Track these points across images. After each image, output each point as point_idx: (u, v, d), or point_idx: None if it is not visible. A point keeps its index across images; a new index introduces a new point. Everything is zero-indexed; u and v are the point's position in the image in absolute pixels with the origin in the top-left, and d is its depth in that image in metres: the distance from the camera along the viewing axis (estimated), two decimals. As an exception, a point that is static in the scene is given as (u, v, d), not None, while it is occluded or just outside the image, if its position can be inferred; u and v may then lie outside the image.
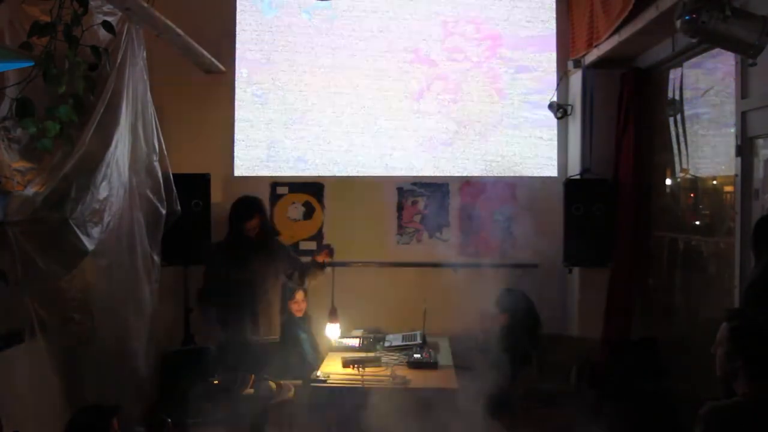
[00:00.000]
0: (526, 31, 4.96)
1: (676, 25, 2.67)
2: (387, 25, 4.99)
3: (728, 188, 3.38)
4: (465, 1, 4.98)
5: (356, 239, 4.86)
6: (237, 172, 5.00)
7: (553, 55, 4.94)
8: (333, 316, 4.04)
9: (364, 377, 3.69)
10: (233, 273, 3.82)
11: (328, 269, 4.10)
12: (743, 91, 3.14)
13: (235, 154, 5.01)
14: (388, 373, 3.77)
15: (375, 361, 3.95)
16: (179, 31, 3.89)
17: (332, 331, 4.06)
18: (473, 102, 4.96)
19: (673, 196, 4.23)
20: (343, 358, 3.97)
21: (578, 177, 4.62)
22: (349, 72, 4.99)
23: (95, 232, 3.23)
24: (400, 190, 4.97)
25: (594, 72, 4.58)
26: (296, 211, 4.99)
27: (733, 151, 3.21)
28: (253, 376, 3.60)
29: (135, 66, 3.59)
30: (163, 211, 3.91)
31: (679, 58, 3.92)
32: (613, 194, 4.44)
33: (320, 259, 4.08)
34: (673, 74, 4.08)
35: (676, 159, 4.07)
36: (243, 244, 3.91)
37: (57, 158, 3.11)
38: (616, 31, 3.80)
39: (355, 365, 3.85)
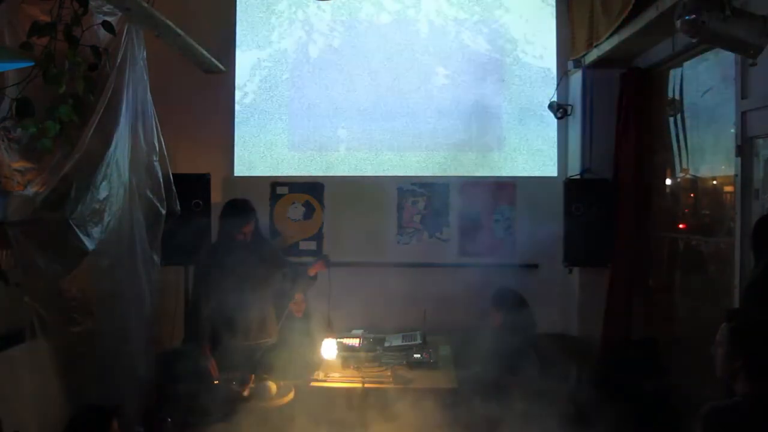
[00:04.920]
0: (527, 31, 4.96)
1: (676, 25, 2.67)
2: (387, 25, 4.99)
3: (728, 188, 3.38)
4: (466, 2, 4.99)
5: (356, 239, 4.86)
6: (237, 172, 5.00)
7: (553, 55, 4.94)
8: (330, 332, 3.94)
9: (364, 377, 3.70)
10: (225, 277, 3.74)
11: (326, 277, 4.07)
12: (743, 91, 3.14)
13: (235, 154, 5.01)
14: (388, 373, 3.77)
15: (375, 361, 3.95)
16: (179, 31, 3.89)
17: (328, 351, 3.93)
18: (473, 102, 4.95)
19: (673, 196, 4.24)
20: (343, 358, 3.97)
21: (578, 177, 4.62)
22: (349, 72, 4.99)
23: (95, 232, 3.23)
24: (400, 190, 4.97)
25: (594, 72, 4.58)
26: (296, 211, 4.99)
27: (733, 151, 3.21)
28: (253, 376, 3.61)
29: (135, 66, 3.59)
30: (163, 211, 3.91)
31: (679, 58, 3.92)
32: (613, 194, 4.44)
33: (313, 272, 4.08)
34: (673, 74, 4.08)
35: (676, 159, 4.07)
36: (236, 248, 3.88)
37: (57, 158, 3.11)
38: (616, 31, 3.80)
39: (355, 365, 3.85)
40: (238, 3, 5.01)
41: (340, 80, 4.99)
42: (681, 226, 4.04)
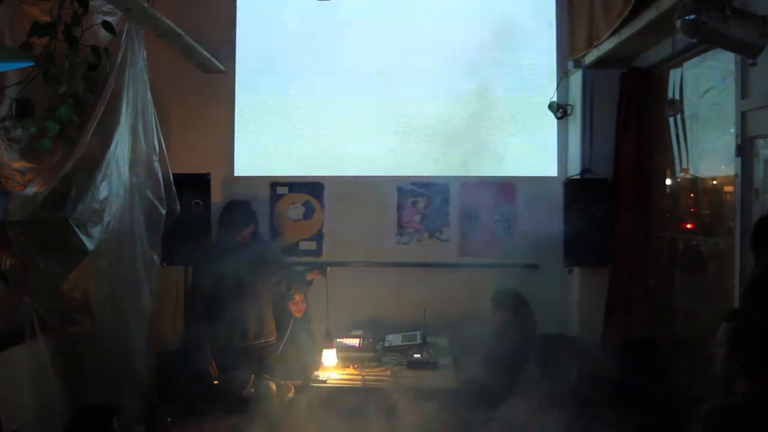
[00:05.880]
0: (526, 31, 4.95)
1: (676, 25, 2.67)
2: (387, 24, 4.98)
3: (728, 188, 3.38)
4: (466, 1, 4.98)
5: (356, 239, 4.85)
6: (237, 172, 4.99)
7: (553, 55, 4.94)
8: (328, 340, 3.92)
9: (364, 377, 3.70)
10: (224, 278, 3.73)
11: (325, 288, 4.09)
12: (743, 91, 3.14)
13: (235, 154, 5.00)
14: (388, 373, 3.77)
15: (375, 361, 3.95)
16: (179, 31, 3.90)
17: (329, 358, 3.88)
18: (473, 102, 4.95)
19: (673, 196, 4.24)
20: (343, 358, 3.97)
21: (578, 177, 4.62)
22: (349, 71, 4.98)
23: (95, 232, 3.23)
24: (400, 190, 4.96)
25: (594, 72, 4.58)
26: (296, 211, 4.99)
27: (733, 151, 3.21)
28: (252, 376, 3.61)
29: (135, 66, 3.59)
30: (163, 211, 3.91)
31: (679, 58, 3.92)
32: (613, 194, 4.44)
33: (310, 277, 4.09)
34: (673, 74, 4.08)
35: (676, 159, 4.07)
36: (235, 249, 3.87)
37: (57, 158, 3.12)
38: (616, 31, 3.79)
39: (355, 365, 3.85)
40: (238, 3, 5.00)
41: (341, 80, 4.97)
42: (682, 225, 4.03)
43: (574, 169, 4.71)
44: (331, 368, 3.86)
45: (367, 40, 4.98)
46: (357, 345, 4.28)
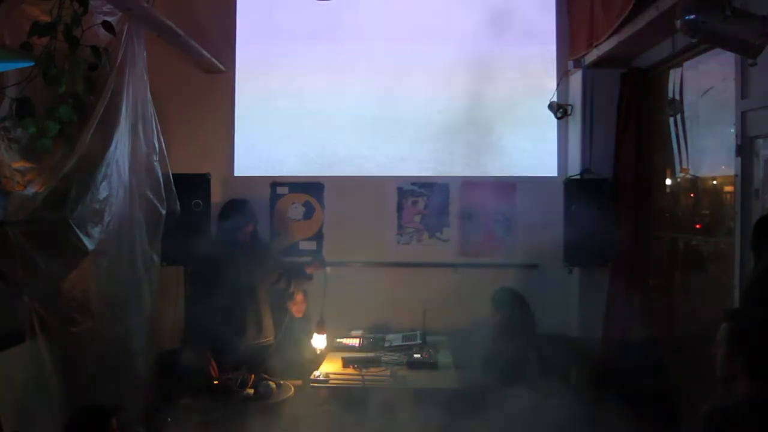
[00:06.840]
0: (526, 31, 4.95)
1: (676, 25, 2.67)
2: (387, 25, 4.98)
3: (728, 188, 3.38)
4: (465, 2, 4.98)
5: (356, 239, 4.86)
6: (237, 172, 4.99)
7: (554, 55, 4.94)
8: (320, 326, 4.01)
9: (364, 377, 3.70)
10: (222, 276, 3.72)
11: (321, 279, 4.08)
12: (743, 91, 3.14)
13: (235, 154, 5.00)
14: (388, 373, 3.77)
15: (375, 361, 3.95)
16: (179, 31, 3.90)
17: (319, 342, 4.02)
18: (473, 102, 4.94)
19: (673, 196, 4.24)
20: (343, 358, 3.97)
21: (578, 177, 4.62)
22: (349, 72, 4.98)
23: (95, 232, 3.23)
24: (400, 190, 4.97)
25: (594, 72, 4.58)
26: (296, 211, 4.99)
27: (733, 151, 3.21)
28: (252, 376, 3.61)
29: (135, 66, 3.59)
30: (163, 211, 3.91)
31: (679, 58, 3.92)
32: (613, 194, 4.44)
33: (310, 270, 4.10)
34: (673, 74, 4.08)
35: (676, 159, 4.07)
36: (233, 247, 3.87)
37: (57, 158, 3.12)
38: (616, 31, 3.80)
39: (355, 365, 3.86)
40: (238, 3, 5.01)
41: (341, 79, 4.97)
42: (683, 225, 4.04)
43: (574, 169, 4.71)
44: (331, 368, 3.86)
45: (366, 40, 4.98)
46: (357, 345, 4.29)
